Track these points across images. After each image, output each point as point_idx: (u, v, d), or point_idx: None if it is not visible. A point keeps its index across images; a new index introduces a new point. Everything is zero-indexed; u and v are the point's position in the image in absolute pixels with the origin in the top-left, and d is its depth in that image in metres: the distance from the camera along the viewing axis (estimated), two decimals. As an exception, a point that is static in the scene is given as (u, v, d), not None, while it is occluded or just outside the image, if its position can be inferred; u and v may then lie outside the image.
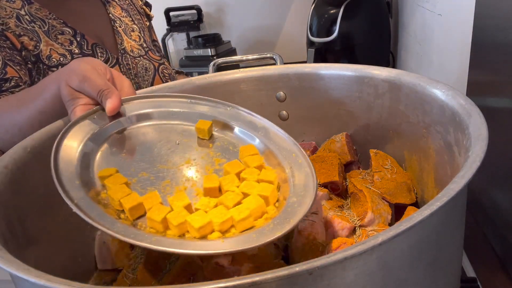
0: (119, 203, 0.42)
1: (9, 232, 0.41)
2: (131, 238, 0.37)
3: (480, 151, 0.35)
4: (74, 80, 0.52)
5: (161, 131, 0.54)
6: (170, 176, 0.48)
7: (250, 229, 0.41)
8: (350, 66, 0.62)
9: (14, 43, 0.76)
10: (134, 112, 0.54)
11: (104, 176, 0.45)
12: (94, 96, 0.51)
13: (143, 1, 1.07)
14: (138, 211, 0.42)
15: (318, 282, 0.28)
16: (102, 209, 0.41)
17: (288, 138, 0.52)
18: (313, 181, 0.46)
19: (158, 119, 0.55)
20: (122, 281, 0.48)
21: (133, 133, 0.53)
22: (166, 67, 0.98)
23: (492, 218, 0.72)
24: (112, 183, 0.44)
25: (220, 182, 0.46)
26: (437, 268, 0.35)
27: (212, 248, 0.38)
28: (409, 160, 0.58)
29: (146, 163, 0.49)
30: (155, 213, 0.41)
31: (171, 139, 0.53)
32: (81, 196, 0.41)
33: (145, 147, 0.51)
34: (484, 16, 0.73)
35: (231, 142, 0.54)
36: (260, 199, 0.43)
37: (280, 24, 2.15)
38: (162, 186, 0.46)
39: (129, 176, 0.47)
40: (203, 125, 0.53)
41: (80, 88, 0.52)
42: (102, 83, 0.51)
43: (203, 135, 0.53)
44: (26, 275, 0.29)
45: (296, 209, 0.42)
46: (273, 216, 0.42)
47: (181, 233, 0.40)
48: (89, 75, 0.51)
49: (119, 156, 0.49)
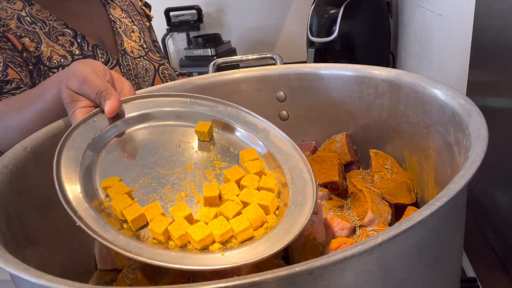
0: (121, 214, 0.42)
1: (9, 232, 0.41)
2: (133, 253, 0.37)
3: (480, 151, 0.35)
4: (74, 82, 0.52)
5: (161, 133, 0.54)
6: (171, 182, 0.48)
7: (250, 239, 0.41)
8: (350, 66, 0.62)
9: (15, 45, 0.76)
10: (134, 113, 0.54)
11: (107, 186, 0.45)
12: (94, 98, 0.51)
13: (142, 2, 1.07)
14: (140, 222, 0.43)
15: (318, 282, 0.28)
16: (105, 220, 0.41)
17: (288, 141, 0.52)
18: (312, 188, 0.45)
19: (158, 119, 0.55)
20: (122, 281, 0.48)
21: (133, 136, 0.53)
22: (166, 68, 0.98)
23: (492, 218, 0.72)
24: (114, 193, 0.44)
25: (220, 190, 0.46)
26: (437, 268, 0.35)
27: (212, 264, 0.38)
28: (409, 160, 0.58)
29: (147, 168, 0.49)
30: (156, 225, 0.41)
31: (171, 141, 0.53)
32: (84, 207, 0.41)
33: (146, 150, 0.51)
34: (484, 16, 0.73)
35: (232, 143, 0.54)
36: (260, 209, 0.43)
37: (280, 24, 2.15)
38: (163, 192, 0.47)
39: (131, 182, 0.47)
40: (203, 127, 0.53)
41: (79, 90, 0.52)
42: (101, 84, 0.52)
43: (204, 138, 0.53)
44: (26, 275, 0.29)
45: (296, 218, 0.42)
46: (273, 225, 0.42)
47: (183, 243, 0.41)
48: (88, 77, 0.51)
49: (120, 162, 0.49)
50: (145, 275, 0.47)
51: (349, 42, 1.50)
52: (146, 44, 0.97)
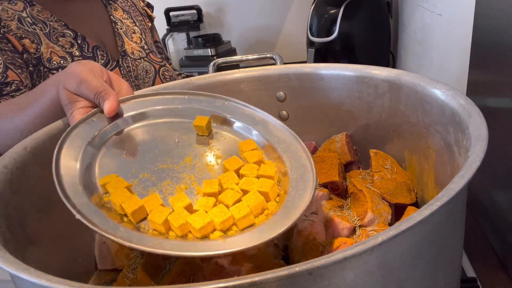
0: (121, 207, 0.42)
1: (9, 232, 0.41)
2: (133, 242, 0.37)
3: (480, 151, 0.35)
4: (72, 83, 0.52)
5: (160, 130, 0.54)
6: (170, 175, 0.48)
7: (251, 226, 0.41)
8: (350, 66, 0.62)
9: (16, 46, 0.76)
10: (132, 112, 0.54)
11: (106, 182, 0.45)
12: (92, 98, 0.51)
13: (145, 2, 1.07)
14: (140, 214, 0.42)
15: (318, 282, 0.28)
16: (105, 214, 0.41)
17: (286, 130, 0.52)
18: (312, 174, 0.46)
19: (156, 117, 0.55)
20: (122, 281, 0.48)
21: (132, 134, 0.53)
22: (167, 69, 0.98)
23: (492, 218, 0.72)
24: (113, 188, 0.44)
25: (220, 180, 0.46)
26: (437, 268, 0.35)
27: (213, 249, 0.38)
28: (409, 160, 0.58)
29: (146, 163, 0.49)
30: (156, 215, 0.41)
31: (170, 137, 0.53)
32: (84, 202, 0.41)
33: (145, 147, 0.51)
34: (484, 16, 0.73)
35: (231, 136, 0.54)
36: (260, 196, 0.43)
37: (280, 24, 2.15)
38: (163, 186, 0.47)
39: (130, 178, 0.47)
40: (201, 122, 0.53)
41: (77, 91, 0.52)
42: (99, 85, 0.52)
43: (202, 132, 0.53)
44: (26, 275, 0.29)
45: (296, 204, 0.42)
46: (274, 212, 0.42)
47: (183, 233, 0.40)
48: (86, 78, 0.51)
49: (120, 158, 0.49)
50: (145, 275, 0.47)
51: (349, 42, 1.50)
52: (147, 45, 0.97)
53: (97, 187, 0.45)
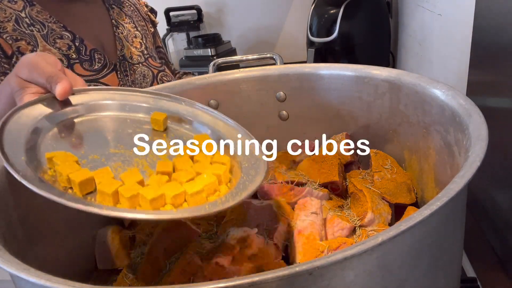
0: (67, 178, 0.40)
1: (9, 232, 0.41)
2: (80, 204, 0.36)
3: (480, 151, 0.35)
4: (23, 70, 0.50)
5: (115, 121, 0.53)
6: (122, 159, 0.46)
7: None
8: (350, 66, 0.62)
9: (5, 50, 0.75)
10: (88, 102, 0.52)
11: (52, 156, 0.43)
12: (44, 83, 0.50)
13: (148, 8, 1.07)
14: (88, 186, 0.40)
15: (318, 282, 0.28)
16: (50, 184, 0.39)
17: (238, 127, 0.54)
18: (264, 163, 0.47)
19: (111, 110, 0.54)
20: (122, 281, 0.48)
21: (85, 121, 0.51)
22: (166, 74, 0.97)
23: (492, 218, 0.72)
24: (61, 161, 0.41)
25: (174, 163, 0.45)
26: (437, 268, 0.35)
27: (164, 214, 0.38)
28: (409, 160, 0.58)
29: (97, 147, 0.47)
30: (106, 186, 0.39)
31: (124, 128, 0.52)
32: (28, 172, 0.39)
33: (97, 134, 0.49)
34: (484, 16, 0.73)
35: (186, 133, 0.54)
36: (213, 176, 0.43)
37: (280, 24, 2.15)
38: (113, 167, 0.45)
39: (79, 158, 0.44)
40: (159, 116, 0.53)
41: (29, 77, 0.50)
42: (52, 70, 0.50)
43: (158, 127, 0.53)
44: (26, 275, 0.29)
45: (247, 186, 0.43)
46: (225, 193, 0.43)
47: (133, 207, 0.39)
48: (38, 64, 0.50)
49: (68, 139, 0.47)
50: (145, 275, 0.47)
51: (349, 42, 1.50)
52: (147, 50, 0.97)
53: (41, 161, 0.43)
